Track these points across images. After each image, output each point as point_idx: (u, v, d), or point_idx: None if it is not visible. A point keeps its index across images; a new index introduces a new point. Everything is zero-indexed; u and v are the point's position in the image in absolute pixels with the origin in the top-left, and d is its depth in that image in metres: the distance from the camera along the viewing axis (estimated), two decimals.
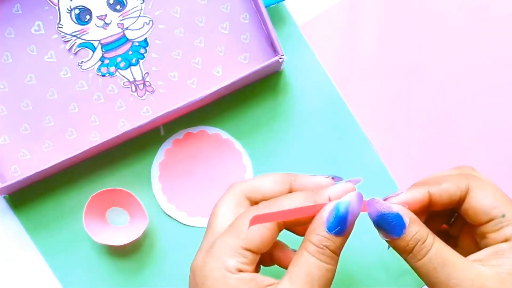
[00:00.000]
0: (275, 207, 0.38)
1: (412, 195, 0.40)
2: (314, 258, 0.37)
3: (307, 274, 0.37)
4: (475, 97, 0.55)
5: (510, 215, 0.39)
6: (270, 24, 0.52)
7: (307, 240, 0.38)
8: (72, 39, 0.54)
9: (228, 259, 0.37)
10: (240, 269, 0.37)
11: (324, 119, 0.55)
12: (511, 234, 0.38)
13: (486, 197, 0.39)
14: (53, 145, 0.54)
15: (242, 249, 0.37)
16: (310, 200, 0.38)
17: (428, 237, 0.38)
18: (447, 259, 0.38)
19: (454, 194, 0.40)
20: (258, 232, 0.38)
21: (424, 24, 0.56)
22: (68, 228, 0.54)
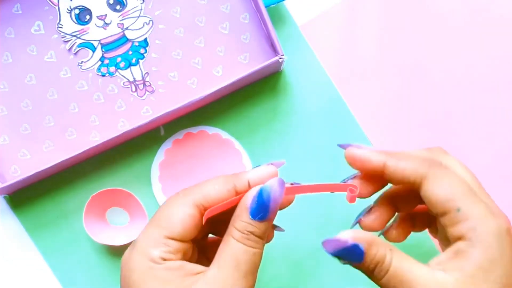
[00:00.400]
0: (194, 192, 0.39)
1: (369, 156, 0.40)
2: (240, 243, 0.37)
3: (234, 259, 0.37)
4: (475, 97, 0.55)
5: (467, 210, 0.37)
6: (270, 24, 0.52)
7: (232, 226, 0.38)
8: (72, 39, 0.54)
9: (152, 250, 0.37)
10: (164, 258, 0.37)
11: (324, 119, 0.55)
12: (466, 231, 0.37)
13: (442, 188, 0.38)
14: (53, 145, 0.54)
15: (165, 238, 0.37)
16: (229, 184, 0.39)
17: (386, 257, 0.38)
18: (405, 276, 0.37)
19: (409, 175, 0.39)
20: (178, 220, 0.38)
21: (424, 24, 0.56)
22: (68, 228, 0.55)
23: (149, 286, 0.37)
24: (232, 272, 0.37)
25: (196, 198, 0.38)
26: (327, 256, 0.54)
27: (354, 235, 0.38)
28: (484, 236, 0.36)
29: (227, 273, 0.37)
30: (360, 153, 0.40)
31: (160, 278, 0.37)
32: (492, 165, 0.55)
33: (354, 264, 0.39)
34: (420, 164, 0.39)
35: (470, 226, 0.37)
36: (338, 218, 0.55)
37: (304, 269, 0.55)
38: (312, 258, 0.55)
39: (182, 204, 0.38)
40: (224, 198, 0.39)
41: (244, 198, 0.38)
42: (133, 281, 0.37)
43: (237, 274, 0.37)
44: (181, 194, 0.39)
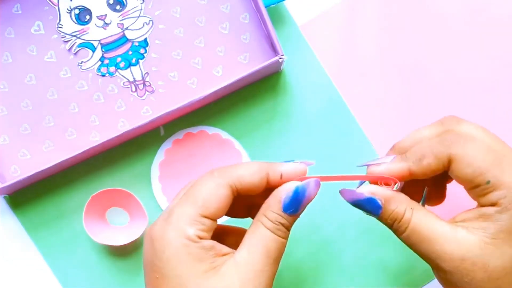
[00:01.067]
0: (230, 173, 0.40)
1: (391, 171, 0.41)
2: (270, 232, 0.39)
3: (264, 245, 0.39)
4: (475, 97, 0.55)
5: (497, 180, 0.38)
6: (270, 24, 0.52)
7: (263, 215, 0.39)
8: (72, 39, 0.54)
9: (187, 228, 0.38)
10: (200, 237, 0.38)
11: (324, 119, 0.55)
12: (497, 199, 0.38)
13: (469, 165, 0.39)
14: (53, 145, 0.54)
15: (201, 216, 0.38)
16: (263, 172, 0.40)
17: (404, 215, 0.40)
18: (425, 234, 0.39)
19: (436, 168, 0.40)
20: (214, 199, 0.39)
21: (424, 24, 0.56)
22: (68, 228, 0.54)
23: (183, 263, 0.37)
24: (262, 258, 0.38)
25: (232, 180, 0.39)
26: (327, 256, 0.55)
27: (371, 190, 0.40)
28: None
29: (257, 258, 0.38)
30: (382, 170, 0.41)
31: (195, 256, 0.38)
32: None
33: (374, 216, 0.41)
34: (440, 149, 0.40)
35: (500, 194, 0.38)
36: (338, 218, 0.55)
37: (304, 269, 0.55)
38: (312, 258, 0.55)
39: (219, 185, 0.39)
40: (256, 184, 0.40)
41: (278, 191, 0.40)
42: (167, 256, 0.38)
43: (266, 260, 0.38)
44: (216, 173, 0.40)
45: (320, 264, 0.55)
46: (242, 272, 0.38)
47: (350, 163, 0.55)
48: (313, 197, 0.40)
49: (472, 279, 0.38)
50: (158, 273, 0.38)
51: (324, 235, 0.55)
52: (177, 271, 0.38)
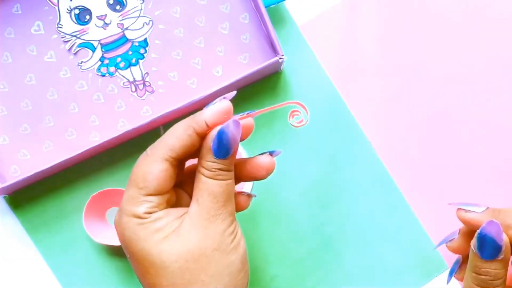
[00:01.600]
0: (160, 147, 0.41)
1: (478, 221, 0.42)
2: (211, 179, 0.40)
3: (210, 193, 0.40)
4: (476, 97, 0.55)
5: None
6: (270, 24, 0.52)
7: (200, 166, 0.41)
8: (72, 39, 0.54)
9: (136, 209, 0.40)
10: (149, 213, 0.40)
11: (323, 119, 0.55)
12: None
13: None
14: (53, 145, 0.54)
15: (145, 196, 0.40)
16: (189, 129, 0.41)
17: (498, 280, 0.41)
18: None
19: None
20: (152, 177, 0.40)
21: (424, 24, 0.56)
22: (68, 228, 0.55)
23: (142, 237, 0.40)
24: (212, 204, 0.40)
25: (164, 153, 0.40)
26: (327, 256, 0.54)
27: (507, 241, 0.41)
28: None
29: (208, 206, 0.40)
30: (471, 217, 0.43)
31: (151, 229, 0.40)
32: (492, 165, 0.55)
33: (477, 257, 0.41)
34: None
35: None
36: (338, 218, 0.55)
37: (304, 269, 0.55)
38: (312, 257, 0.55)
39: (153, 162, 0.40)
40: (188, 144, 0.41)
41: (205, 140, 0.41)
42: (127, 237, 0.40)
43: (216, 205, 0.40)
44: (149, 152, 0.41)
45: (320, 264, 0.55)
46: (197, 224, 0.40)
47: (350, 162, 0.55)
48: (238, 136, 0.41)
49: None
50: (128, 253, 0.41)
51: (324, 235, 0.55)
52: (138, 246, 0.40)
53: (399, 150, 0.55)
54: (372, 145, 0.55)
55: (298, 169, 0.55)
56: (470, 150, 0.55)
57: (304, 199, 0.55)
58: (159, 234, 0.40)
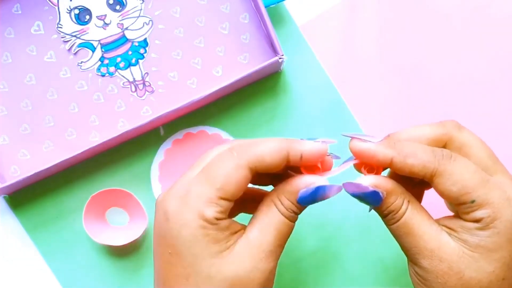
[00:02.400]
0: (250, 153, 0.39)
1: (374, 151, 0.40)
2: (283, 217, 0.39)
3: (276, 228, 0.39)
4: (476, 97, 0.55)
5: (480, 198, 0.38)
6: (270, 24, 0.52)
7: (277, 198, 0.40)
8: (72, 39, 0.54)
9: (205, 209, 0.38)
10: (217, 218, 0.38)
11: (324, 119, 0.55)
12: (479, 217, 0.38)
13: (455, 183, 0.38)
14: (53, 145, 0.54)
15: (219, 198, 0.38)
16: (283, 151, 0.39)
17: (401, 208, 0.40)
18: (414, 229, 0.39)
19: (417, 172, 0.39)
20: (234, 181, 0.38)
21: (424, 24, 0.56)
22: (68, 228, 0.55)
23: (199, 243, 0.38)
24: (274, 240, 0.39)
25: (252, 162, 0.39)
26: (327, 256, 0.54)
27: (375, 182, 0.40)
28: (498, 222, 0.38)
29: (269, 239, 0.39)
30: (365, 147, 0.40)
31: (211, 238, 0.38)
32: None
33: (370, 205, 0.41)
34: (429, 158, 0.39)
35: (483, 213, 0.38)
36: (338, 217, 0.55)
37: (304, 269, 0.55)
38: (312, 257, 0.55)
39: (239, 166, 0.38)
40: (276, 164, 0.39)
41: (297, 182, 0.39)
42: (184, 235, 0.38)
43: (277, 242, 0.39)
44: (235, 153, 0.39)
45: (320, 264, 0.55)
46: (254, 252, 0.38)
47: None
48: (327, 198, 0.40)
49: (445, 282, 0.39)
50: (171, 249, 0.38)
51: (324, 235, 0.55)
52: (192, 250, 0.38)
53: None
54: None
55: None
56: None
57: None
58: (216, 246, 0.38)
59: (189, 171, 0.41)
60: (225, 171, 0.38)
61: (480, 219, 0.38)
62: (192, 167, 0.41)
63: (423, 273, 0.40)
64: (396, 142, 0.40)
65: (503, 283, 0.39)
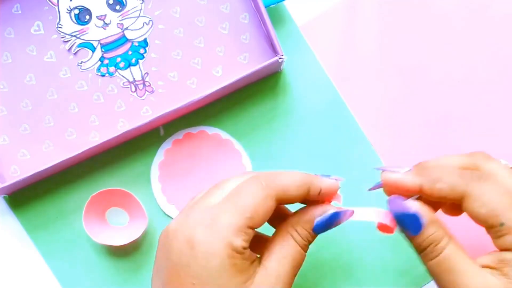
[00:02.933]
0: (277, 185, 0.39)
1: (403, 181, 0.41)
2: (300, 247, 0.40)
3: (294, 259, 0.40)
4: (476, 97, 0.55)
5: (510, 222, 0.38)
6: (270, 24, 0.52)
7: (294, 229, 0.40)
8: (72, 39, 0.54)
9: (234, 238, 0.37)
10: (244, 247, 0.38)
11: (324, 119, 0.55)
12: (510, 243, 0.38)
13: (483, 205, 0.39)
14: (53, 145, 0.54)
15: (248, 228, 0.38)
16: (306, 186, 0.40)
17: (442, 240, 0.39)
18: (456, 265, 0.38)
19: (447, 195, 0.40)
20: (262, 211, 0.39)
21: (424, 24, 0.56)
22: (68, 228, 0.54)
23: (227, 273, 0.37)
24: (291, 270, 0.40)
25: (278, 193, 0.39)
26: (327, 256, 0.54)
27: (419, 206, 0.40)
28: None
29: (287, 270, 0.39)
30: (394, 178, 0.41)
31: (238, 267, 0.38)
32: None
33: (409, 236, 0.40)
34: (458, 181, 0.39)
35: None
36: None
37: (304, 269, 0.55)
38: (312, 257, 0.55)
39: (268, 197, 0.39)
40: (298, 197, 0.40)
41: (312, 211, 0.41)
42: (212, 265, 0.37)
43: (294, 272, 0.40)
44: (264, 183, 0.39)
45: (320, 264, 0.54)
46: (274, 283, 0.39)
47: (350, 163, 0.55)
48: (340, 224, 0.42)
49: None
50: (196, 279, 0.37)
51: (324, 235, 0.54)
52: (219, 281, 0.37)
53: (400, 150, 0.55)
54: (372, 146, 0.55)
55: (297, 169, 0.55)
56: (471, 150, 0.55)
57: None
58: (242, 277, 0.38)
59: (207, 198, 0.40)
60: (255, 201, 0.38)
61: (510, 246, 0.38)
62: (208, 194, 0.41)
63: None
64: (424, 169, 0.41)
65: None
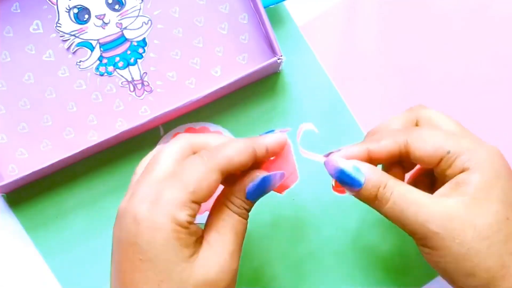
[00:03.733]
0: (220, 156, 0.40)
1: (351, 152, 0.42)
2: (237, 215, 0.41)
3: (233, 228, 0.41)
4: (476, 97, 0.55)
5: (456, 148, 0.40)
6: (269, 24, 0.52)
7: (228, 200, 0.41)
8: (71, 38, 0.54)
9: (178, 213, 0.38)
10: (189, 222, 0.38)
11: (324, 119, 0.55)
12: (462, 164, 0.40)
13: (427, 143, 0.41)
14: (51, 144, 0.54)
15: (191, 202, 0.38)
16: (250, 149, 0.40)
17: (388, 181, 0.41)
18: (412, 199, 0.40)
19: (393, 149, 0.42)
20: (206, 185, 0.39)
21: (424, 24, 0.55)
22: (67, 227, 0.55)
23: (172, 248, 0.38)
24: (233, 239, 0.40)
25: (222, 164, 0.39)
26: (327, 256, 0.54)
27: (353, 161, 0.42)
28: (479, 163, 0.40)
29: (229, 239, 0.40)
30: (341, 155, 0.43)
31: (182, 242, 0.38)
32: None
33: (358, 193, 0.41)
34: (399, 134, 0.42)
35: (463, 159, 0.40)
36: (338, 218, 0.55)
37: (304, 269, 0.55)
38: (312, 258, 0.55)
39: (210, 170, 0.39)
40: (245, 163, 0.40)
41: (245, 179, 0.41)
42: (157, 240, 0.37)
43: (237, 241, 0.41)
44: (206, 158, 0.40)
45: (320, 264, 0.54)
46: (218, 255, 0.39)
47: None
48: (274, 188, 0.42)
49: (463, 240, 0.39)
50: (143, 255, 0.38)
51: (324, 235, 0.55)
52: (165, 255, 0.38)
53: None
54: None
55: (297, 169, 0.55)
56: None
57: (303, 199, 0.55)
58: (187, 251, 0.38)
59: (150, 173, 0.40)
60: (197, 175, 0.39)
61: (463, 166, 0.40)
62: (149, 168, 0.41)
63: (438, 243, 0.39)
64: (370, 135, 0.44)
65: (508, 223, 0.39)
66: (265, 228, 0.55)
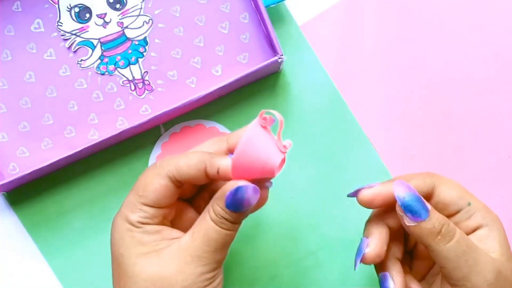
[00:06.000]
0: (171, 163, 0.41)
1: (385, 188, 0.43)
2: (213, 223, 0.41)
3: (205, 234, 0.41)
4: (476, 97, 0.55)
5: (475, 203, 0.43)
6: (270, 24, 0.52)
7: (210, 205, 0.41)
8: (72, 37, 0.54)
9: (130, 214, 0.41)
10: (142, 222, 0.41)
11: (324, 119, 0.55)
12: (481, 219, 0.42)
13: (452, 190, 0.43)
14: (52, 143, 0.54)
15: (141, 204, 0.41)
16: (201, 164, 0.41)
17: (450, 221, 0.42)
18: (471, 243, 0.41)
19: (421, 188, 0.43)
20: (152, 189, 0.41)
21: (424, 23, 0.55)
22: (67, 227, 0.55)
23: (126, 244, 0.41)
24: (202, 245, 0.40)
25: (170, 170, 0.41)
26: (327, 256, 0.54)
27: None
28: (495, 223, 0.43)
29: (197, 244, 0.40)
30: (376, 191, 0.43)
31: (137, 239, 0.41)
32: (492, 165, 0.55)
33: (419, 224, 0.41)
34: (426, 177, 0.43)
35: (483, 215, 0.42)
36: (338, 218, 0.55)
37: (304, 269, 0.55)
38: (312, 258, 0.55)
39: (157, 175, 0.41)
40: (194, 176, 0.41)
41: (225, 187, 0.41)
42: (115, 238, 0.42)
43: (206, 248, 0.40)
44: (158, 164, 0.42)
45: (320, 264, 0.54)
46: (181, 256, 0.40)
47: (350, 163, 0.55)
48: (254, 201, 0.40)
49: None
50: (111, 252, 0.42)
51: (324, 235, 0.55)
52: (120, 251, 0.41)
53: (400, 149, 0.55)
54: (373, 145, 0.55)
55: (297, 168, 0.55)
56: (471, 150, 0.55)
57: (303, 198, 0.55)
58: (141, 248, 0.41)
59: None
60: (146, 180, 0.42)
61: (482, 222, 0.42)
62: None
63: None
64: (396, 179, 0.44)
65: None
66: (265, 227, 0.55)
